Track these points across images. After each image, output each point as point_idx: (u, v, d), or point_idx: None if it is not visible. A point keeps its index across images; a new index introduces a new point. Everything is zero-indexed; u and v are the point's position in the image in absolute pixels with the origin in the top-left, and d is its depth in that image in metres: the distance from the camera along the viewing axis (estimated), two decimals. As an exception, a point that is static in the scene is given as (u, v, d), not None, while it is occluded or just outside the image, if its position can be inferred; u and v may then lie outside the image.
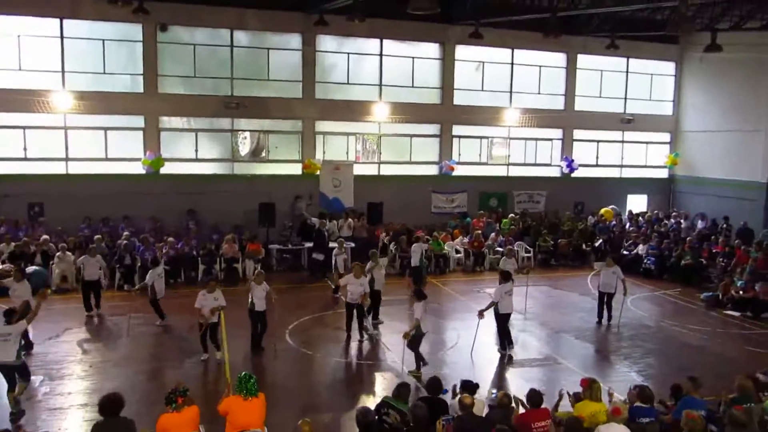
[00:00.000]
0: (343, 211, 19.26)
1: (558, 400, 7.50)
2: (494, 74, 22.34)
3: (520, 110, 22.41)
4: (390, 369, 10.70)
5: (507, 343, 11.47)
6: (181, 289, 15.08)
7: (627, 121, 23.95)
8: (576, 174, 23.50)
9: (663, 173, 25.49)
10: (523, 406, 7.10)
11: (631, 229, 21.24)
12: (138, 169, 18.55)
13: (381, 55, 20.84)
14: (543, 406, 6.88)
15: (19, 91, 17.12)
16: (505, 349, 11.40)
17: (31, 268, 14.05)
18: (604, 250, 19.35)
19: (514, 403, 7.17)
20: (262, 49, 19.60)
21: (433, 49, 21.55)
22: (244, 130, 19.93)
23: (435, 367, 10.37)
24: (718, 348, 12.33)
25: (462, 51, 21.67)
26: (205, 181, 19.14)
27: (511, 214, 21.66)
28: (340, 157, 20.61)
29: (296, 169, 20.24)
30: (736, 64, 21.56)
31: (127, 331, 12.07)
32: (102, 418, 6.15)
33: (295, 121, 20.28)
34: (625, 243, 19.88)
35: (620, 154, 24.70)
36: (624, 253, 19.05)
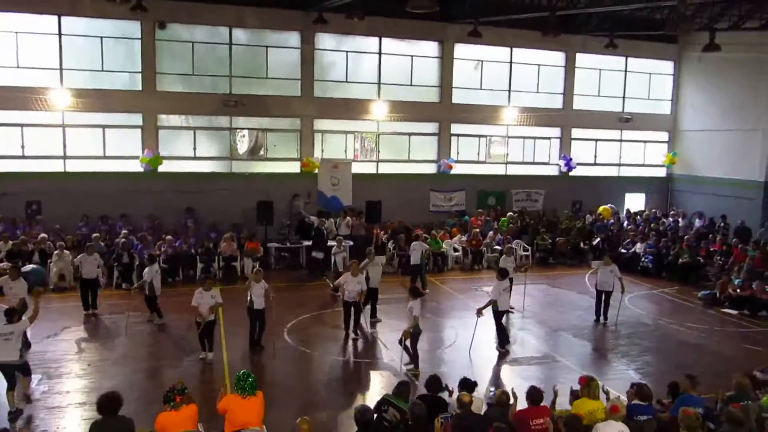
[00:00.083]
0: (342, 209, 19.26)
1: (554, 398, 7.51)
2: (493, 73, 22.34)
3: (518, 109, 22.42)
4: (388, 367, 10.70)
5: (504, 340, 11.52)
6: (180, 287, 15.07)
7: (625, 120, 23.99)
8: (574, 173, 23.54)
9: (661, 172, 25.53)
10: (513, 396, 7.12)
11: (629, 227, 21.27)
12: (136, 167, 18.53)
13: (380, 54, 20.83)
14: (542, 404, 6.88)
15: (17, 89, 17.07)
16: (503, 347, 11.44)
17: (28, 267, 13.95)
18: (602, 248, 19.36)
19: (511, 397, 7.18)
20: (260, 47, 19.57)
21: (431, 48, 21.54)
22: (243, 128, 19.92)
23: (433, 366, 10.38)
24: (715, 346, 12.38)
25: (461, 49, 21.67)
26: (204, 179, 19.12)
27: (509, 213, 21.67)
28: (339, 155, 20.61)
29: (294, 168, 20.22)
30: (735, 64, 21.61)
31: (125, 330, 12.06)
32: (100, 416, 6.15)
33: (293, 120, 20.27)
34: (623, 241, 19.93)
35: (618, 152, 24.74)
36: (622, 252, 19.09)
